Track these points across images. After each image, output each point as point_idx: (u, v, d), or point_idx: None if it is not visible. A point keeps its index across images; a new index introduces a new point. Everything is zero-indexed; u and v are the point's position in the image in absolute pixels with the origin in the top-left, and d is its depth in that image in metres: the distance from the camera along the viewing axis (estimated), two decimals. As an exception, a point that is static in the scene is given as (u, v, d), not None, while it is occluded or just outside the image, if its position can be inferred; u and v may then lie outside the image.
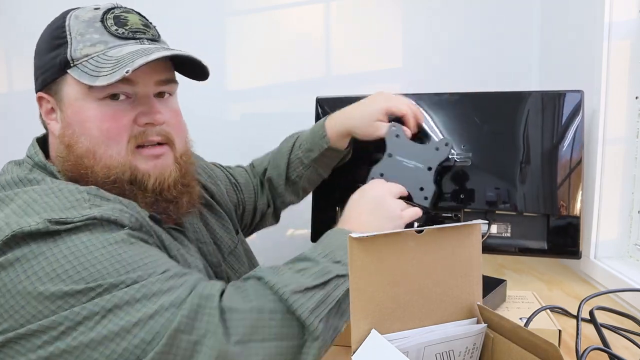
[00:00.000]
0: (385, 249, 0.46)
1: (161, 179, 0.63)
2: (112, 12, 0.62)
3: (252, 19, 1.34)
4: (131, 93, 0.61)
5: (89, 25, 0.60)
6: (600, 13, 0.94)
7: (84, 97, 0.59)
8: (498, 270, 1.04)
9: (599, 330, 0.63)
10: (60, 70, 0.60)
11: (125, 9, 0.64)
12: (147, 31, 0.64)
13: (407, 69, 1.33)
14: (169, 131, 0.64)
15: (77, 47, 0.59)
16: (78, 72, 0.59)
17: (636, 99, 0.94)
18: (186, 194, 0.67)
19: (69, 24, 0.61)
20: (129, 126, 0.61)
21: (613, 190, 0.96)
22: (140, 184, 0.61)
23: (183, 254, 0.63)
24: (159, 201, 0.63)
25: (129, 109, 0.61)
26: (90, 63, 0.58)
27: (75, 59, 0.59)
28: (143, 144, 0.62)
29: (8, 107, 1.34)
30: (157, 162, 0.63)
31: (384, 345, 0.44)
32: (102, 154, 0.60)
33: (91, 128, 0.59)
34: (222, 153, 1.37)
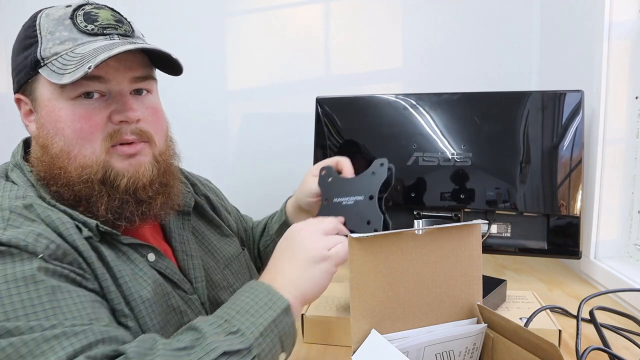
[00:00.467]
0: (385, 249, 0.46)
1: (135, 177, 0.60)
2: (82, 9, 0.60)
3: (252, 19, 1.34)
4: (104, 91, 0.59)
5: (58, 23, 0.59)
6: (600, 13, 0.94)
7: (56, 97, 0.58)
8: (498, 270, 1.04)
9: (599, 330, 0.63)
10: (31, 71, 0.59)
11: (97, 4, 0.62)
12: (119, 26, 0.61)
13: (407, 69, 1.33)
14: (147, 129, 0.62)
15: (46, 45, 0.58)
16: (47, 71, 0.57)
17: (636, 99, 0.94)
18: (162, 194, 0.64)
19: (39, 22, 0.59)
20: (103, 125, 0.59)
21: (613, 190, 0.96)
22: (112, 184, 0.59)
23: (135, 273, 0.60)
24: (129, 203, 0.60)
25: (103, 107, 0.59)
26: (59, 61, 0.57)
27: (45, 57, 0.58)
28: (119, 142, 0.60)
29: (8, 107, 1.34)
30: (132, 160, 0.61)
31: (384, 345, 0.44)
32: (76, 154, 0.58)
33: (64, 128, 0.58)
34: (222, 153, 1.38)
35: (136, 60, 0.61)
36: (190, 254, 0.70)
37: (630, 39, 0.93)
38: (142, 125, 0.62)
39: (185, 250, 0.70)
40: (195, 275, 0.69)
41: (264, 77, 1.35)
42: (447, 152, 0.96)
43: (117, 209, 0.60)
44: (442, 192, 0.96)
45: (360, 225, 0.67)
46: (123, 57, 0.59)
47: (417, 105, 0.99)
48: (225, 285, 0.74)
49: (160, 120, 0.66)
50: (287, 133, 1.34)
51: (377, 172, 0.69)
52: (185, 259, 0.70)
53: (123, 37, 0.61)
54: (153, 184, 0.62)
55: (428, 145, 0.97)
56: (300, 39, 1.33)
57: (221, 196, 0.91)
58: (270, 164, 1.36)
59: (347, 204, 0.69)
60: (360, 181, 0.70)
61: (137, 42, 0.60)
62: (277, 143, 1.35)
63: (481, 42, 1.29)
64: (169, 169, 0.66)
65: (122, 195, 0.60)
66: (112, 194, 0.59)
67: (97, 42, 0.58)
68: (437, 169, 0.96)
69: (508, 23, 1.29)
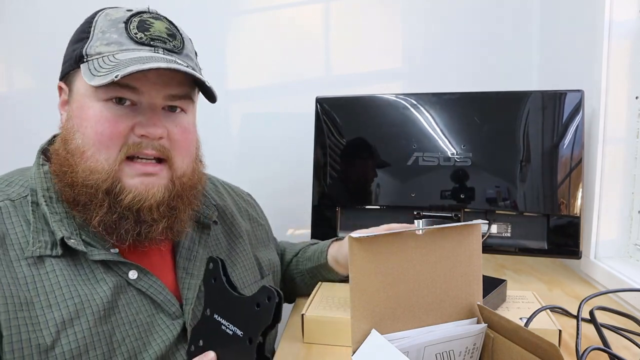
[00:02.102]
0: (385, 249, 0.46)
1: (142, 197, 0.58)
2: (140, 16, 0.59)
3: (252, 19, 1.34)
4: (136, 101, 0.58)
5: (112, 24, 0.59)
6: (600, 13, 0.94)
7: (89, 95, 0.58)
8: (498, 270, 1.04)
9: (599, 330, 0.63)
10: (75, 63, 0.59)
11: (157, 15, 0.62)
12: (169, 41, 0.60)
13: (407, 69, 1.33)
14: (168, 148, 0.60)
15: (94, 43, 0.58)
16: (85, 68, 0.57)
17: (636, 99, 0.94)
18: (167, 218, 0.60)
19: (97, 20, 0.60)
20: (125, 134, 0.57)
21: (613, 190, 0.96)
22: (116, 197, 0.57)
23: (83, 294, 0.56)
24: (127, 220, 0.57)
25: (130, 116, 0.58)
26: (98, 62, 0.57)
27: (89, 54, 0.58)
28: (136, 155, 0.58)
29: (8, 107, 1.34)
30: (145, 179, 0.58)
31: (384, 345, 0.44)
32: (89, 155, 0.57)
33: (87, 127, 0.57)
34: (223, 153, 1.37)
35: (176, 78, 0.60)
36: (191, 272, 0.66)
37: (630, 38, 0.93)
38: (165, 143, 0.59)
39: (186, 268, 0.66)
40: (188, 296, 0.64)
41: (264, 77, 1.35)
42: (447, 152, 0.96)
43: (112, 224, 0.57)
44: (442, 191, 0.96)
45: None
46: (163, 73, 0.57)
47: (417, 105, 0.99)
48: None
49: (188, 141, 0.63)
50: (287, 133, 1.34)
51: (262, 306, 0.51)
52: (183, 277, 0.65)
53: (168, 52, 0.60)
54: (160, 207, 0.59)
55: (428, 145, 0.97)
56: (300, 39, 1.33)
57: (266, 224, 0.88)
58: (270, 164, 1.36)
59: (225, 330, 0.54)
60: (242, 306, 0.53)
61: (177, 62, 0.58)
62: (277, 143, 1.35)
63: (481, 42, 1.29)
64: (184, 194, 0.62)
65: (123, 210, 0.57)
66: (114, 206, 0.57)
67: (140, 51, 0.57)
68: (437, 168, 0.96)
69: (508, 23, 1.29)
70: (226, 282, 0.55)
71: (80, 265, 0.57)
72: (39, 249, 0.55)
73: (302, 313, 0.70)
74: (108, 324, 0.56)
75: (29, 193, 0.59)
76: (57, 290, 0.55)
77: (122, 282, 0.59)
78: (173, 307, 0.62)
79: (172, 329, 0.61)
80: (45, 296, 0.54)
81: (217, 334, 0.54)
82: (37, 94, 1.33)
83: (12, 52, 1.34)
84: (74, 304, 0.55)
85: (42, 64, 1.33)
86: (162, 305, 0.61)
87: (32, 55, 1.33)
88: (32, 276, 0.54)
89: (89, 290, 0.56)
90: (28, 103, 1.34)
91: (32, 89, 1.34)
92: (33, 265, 0.55)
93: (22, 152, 0.76)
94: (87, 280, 0.57)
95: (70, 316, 0.54)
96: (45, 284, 0.54)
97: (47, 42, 1.34)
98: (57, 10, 1.27)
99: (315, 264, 0.83)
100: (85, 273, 0.57)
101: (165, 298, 0.62)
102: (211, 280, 0.56)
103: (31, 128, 1.36)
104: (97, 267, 0.58)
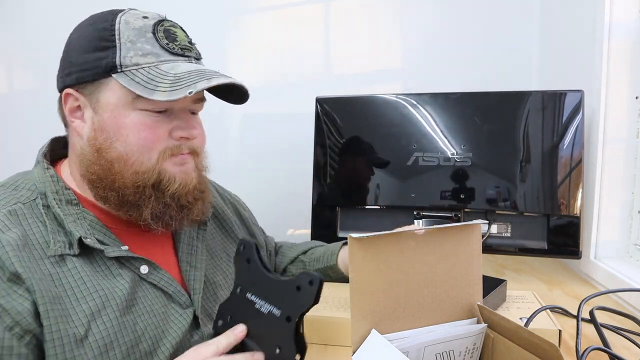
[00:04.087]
0: (385, 249, 0.46)
1: (184, 183, 0.64)
2: (162, 25, 0.63)
3: (252, 19, 1.34)
4: (169, 107, 0.63)
5: (140, 34, 0.61)
6: (600, 13, 0.94)
7: (124, 104, 0.60)
8: (498, 270, 1.04)
9: (599, 330, 0.63)
10: (104, 73, 0.60)
11: (172, 22, 0.66)
12: (192, 49, 0.66)
13: (407, 68, 1.33)
14: (198, 145, 0.67)
15: (127, 54, 0.60)
16: (127, 79, 0.59)
17: (636, 99, 0.94)
18: (200, 200, 0.67)
19: (119, 28, 0.61)
20: (165, 138, 0.62)
21: (613, 190, 0.96)
22: (162, 188, 0.62)
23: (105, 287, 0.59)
24: (171, 207, 0.63)
25: (167, 121, 0.63)
26: (142, 73, 0.59)
27: (124, 65, 0.60)
28: (175, 155, 0.64)
29: (8, 107, 1.35)
30: (182, 168, 0.65)
31: (384, 345, 0.44)
32: (134, 161, 0.61)
33: (128, 135, 0.60)
34: (223, 152, 1.37)
35: None
36: (195, 265, 0.71)
37: (630, 39, 0.93)
38: (196, 142, 0.67)
39: (189, 261, 0.71)
40: (194, 287, 0.69)
41: (264, 77, 1.35)
42: (447, 152, 0.96)
43: (160, 213, 0.63)
44: (442, 191, 0.96)
45: (268, 347, 0.55)
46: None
47: (417, 105, 0.99)
48: None
49: (205, 138, 0.71)
50: (287, 133, 1.34)
51: (303, 289, 0.52)
52: (188, 270, 0.70)
53: (197, 61, 0.66)
54: (195, 190, 0.66)
55: (428, 145, 0.97)
56: (300, 39, 1.33)
57: (251, 216, 0.92)
58: (271, 164, 1.36)
59: (260, 309, 0.55)
60: (281, 287, 0.55)
61: (224, 75, 0.64)
62: (277, 143, 1.35)
63: (481, 42, 1.29)
64: (204, 179, 0.70)
65: (167, 199, 0.63)
66: (160, 197, 0.62)
67: (179, 62, 0.62)
68: (437, 168, 0.96)
69: (508, 23, 1.29)
70: (261, 265, 0.58)
71: (96, 263, 0.60)
72: (60, 248, 0.58)
73: (302, 313, 0.70)
74: (130, 314, 0.60)
75: (37, 196, 0.61)
76: (82, 285, 0.58)
77: (135, 277, 0.63)
78: (183, 297, 0.66)
79: (185, 317, 0.65)
80: (72, 291, 0.57)
81: (248, 311, 0.57)
82: (37, 94, 1.33)
83: (12, 52, 1.34)
84: (99, 296, 0.58)
85: (42, 64, 1.33)
86: (173, 296, 0.65)
87: (32, 55, 1.33)
88: (57, 273, 0.57)
89: (109, 284, 0.60)
90: (28, 103, 1.34)
91: (33, 89, 1.35)
92: (56, 264, 0.57)
93: (23, 152, 0.76)
94: (106, 276, 0.60)
95: (98, 308, 0.57)
96: (70, 280, 0.57)
97: (48, 43, 1.34)
98: (57, 10, 1.27)
99: (324, 265, 0.87)
100: (102, 270, 0.60)
101: (176, 289, 0.66)
102: (244, 262, 0.59)
103: (31, 128, 1.37)
104: (113, 264, 0.61)
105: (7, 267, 0.53)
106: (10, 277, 0.53)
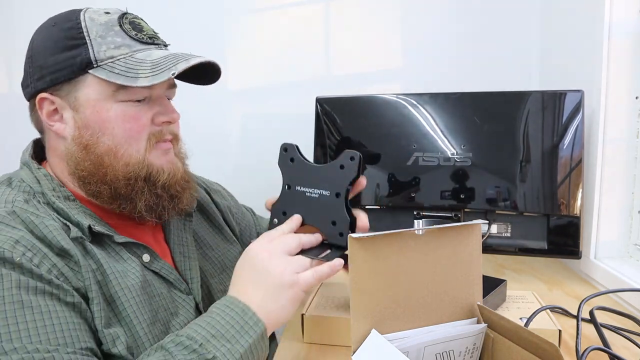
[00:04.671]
0: (385, 249, 0.46)
1: (172, 173, 0.66)
2: (126, 18, 0.64)
3: (252, 19, 1.34)
4: (147, 95, 0.64)
5: (107, 28, 0.61)
6: (600, 13, 0.94)
7: (105, 98, 0.61)
8: (498, 270, 1.04)
9: (599, 330, 0.63)
10: (80, 71, 0.60)
11: (134, 15, 0.66)
12: (158, 37, 0.67)
13: (407, 69, 1.32)
14: (176, 130, 0.69)
15: (99, 48, 0.60)
16: (106, 72, 0.60)
17: (636, 99, 0.94)
18: (187, 189, 0.69)
19: (86, 25, 0.61)
20: (148, 125, 0.64)
21: (613, 190, 0.96)
22: (153, 180, 0.64)
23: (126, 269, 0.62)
24: (163, 198, 0.65)
25: (147, 109, 0.64)
26: (119, 65, 0.60)
27: (99, 60, 0.60)
28: (159, 141, 0.66)
29: (8, 107, 1.34)
30: (167, 157, 0.66)
31: (384, 345, 0.44)
32: (123, 152, 0.62)
33: (114, 128, 0.61)
34: (223, 153, 1.37)
35: None
36: (188, 255, 0.72)
37: (630, 39, 0.93)
38: (174, 127, 0.68)
39: (182, 252, 0.72)
40: (192, 276, 0.71)
41: (264, 77, 1.35)
42: (447, 152, 0.96)
43: (153, 205, 0.65)
44: (442, 192, 0.96)
45: (324, 224, 0.62)
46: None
47: (417, 105, 0.99)
48: (222, 289, 0.75)
49: (179, 122, 0.71)
50: (287, 133, 1.34)
51: (346, 166, 0.61)
52: (182, 260, 0.71)
53: (165, 48, 0.67)
54: (183, 179, 0.68)
55: (428, 145, 0.97)
56: (300, 39, 1.33)
57: (231, 201, 0.92)
58: (271, 164, 1.35)
59: (310, 196, 0.63)
60: (325, 172, 0.62)
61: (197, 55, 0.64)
62: (277, 143, 1.35)
63: (481, 42, 1.29)
64: (186, 168, 0.72)
65: (158, 191, 0.64)
66: (152, 189, 0.64)
67: (152, 50, 0.63)
68: (437, 168, 0.96)
69: (508, 23, 1.29)
70: (304, 159, 0.65)
71: (108, 249, 0.62)
72: (78, 233, 0.59)
73: (302, 313, 0.70)
74: (145, 294, 0.62)
75: (35, 196, 0.61)
76: (101, 267, 0.59)
77: (140, 263, 0.64)
78: (183, 285, 0.68)
79: (189, 302, 0.68)
80: (95, 272, 0.58)
81: (300, 201, 0.64)
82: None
83: (12, 52, 1.34)
84: (115, 278, 0.59)
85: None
86: (175, 283, 0.67)
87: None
88: (83, 256, 0.58)
89: (123, 267, 0.61)
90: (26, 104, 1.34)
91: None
92: (81, 247, 0.58)
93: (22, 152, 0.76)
94: (118, 260, 0.62)
95: (120, 286, 0.59)
96: (91, 262, 0.58)
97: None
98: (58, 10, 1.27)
99: None
100: (114, 254, 0.62)
101: (176, 277, 0.68)
102: (288, 162, 0.67)
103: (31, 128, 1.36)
104: (121, 249, 0.63)
105: (54, 244, 0.55)
106: (60, 252, 0.55)
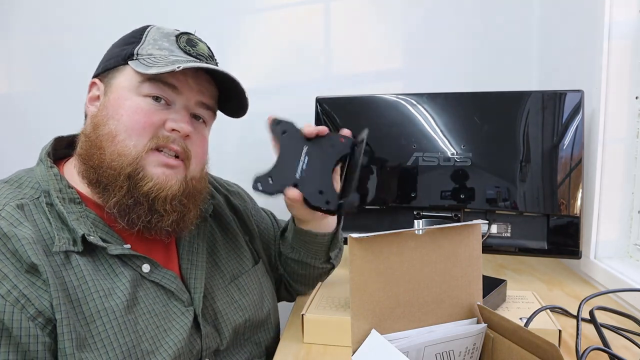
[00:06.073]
0: (385, 249, 0.46)
1: (161, 186, 0.62)
2: (188, 35, 0.69)
3: (252, 19, 1.34)
4: (171, 101, 0.65)
5: (164, 36, 0.67)
6: (600, 13, 0.94)
7: (130, 88, 0.63)
8: (498, 270, 1.04)
9: (599, 330, 0.63)
10: (122, 60, 0.65)
11: (199, 38, 0.70)
12: (211, 60, 0.70)
13: (407, 68, 1.32)
14: (190, 148, 0.65)
15: (146, 46, 0.65)
16: (137, 63, 0.63)
17: (636, 99, 0.94)
18: (177, 212, 0.64)
19: (149, 30, 0.67)
20: (156, 126, 0.63)
21: (613, 190, 0.96)
22: (136, 183, 0.61)
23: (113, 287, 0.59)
24: (141, 206, 0.61)
25: (163, 112, 0.64)
26: (150, 59, 0.64)
27: (139, 54, 0.65)
28: (162, 147, 0.63)
29: (9, 107, 1.34)
30: (166, 170, 0.63)
31: (384, 345, 0.44)
32: (120, 140, 0.61)
33: (123, 115, 0.62)
34: (223, 152, 1.37)
35: (210, 89, 0.69)
36: (195, 262, 0.70)
37: (630, 39, 0.93)
38: (189, 143, 0.65)
39: (190, 259, 0.70)
40: (196, 285, 0.68)
41: (264, 77, 1.35)
42: (447, 152, 0.96)
43: (127, 207, 0.61)
44: (442, 191, 0.96)
45: (312, 192, 0.67)
46: (200, 81, 0.67)
47: (417, 105, 0.99)
48: (228, 300, 0.72)
49: (204, 150, 0.70)
50: (287, 133, 1.34)
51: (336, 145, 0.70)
52: (189, 268, 0.69)
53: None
54: (174, 199, 0.63)
55: (428, 145, 0.97)
56: (300, 39, 1.33)
57: (250, 203, 0.90)
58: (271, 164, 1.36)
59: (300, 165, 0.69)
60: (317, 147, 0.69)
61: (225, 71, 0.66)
62: (277, 143, 1.35)
63: (481, 42, 1.29)
64: (193, 195, 0.67)
65: (139, 196, 0.61)
66: (132, 191, 0.61)
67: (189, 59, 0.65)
68: (437, 168, 0.96)
69: (508, 23, 1.29)
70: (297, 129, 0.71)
71: (99, 261, 0.60)
72: (64, 245, 0.58)
73: (302, 313, 0.70)
74: (131, 314, 0.60)
75: (40, 194, 0.61)
76: (84, 285, 0.57)
77: (137, 276, 0.62)
78: (184, 295, 0.66)
79: (187, 315, 0.65)
80: (74, 290, 0.57)
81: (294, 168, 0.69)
82: (37, 94, 1.33)
83: (13, 52, 1.34)
84: (99, 297, 0.58)
85: (43, 65, 1.33)
86: (175, 293, 0.65)
87: (33, 55, 1.32)
88: (65, 270, 0.57)
89: (110, 284, 0.59)
90: (28, 103, 1.34)
91: (33, 89, 1.34)
92: (61, 261, 0.57)
93: (23, 152, 0.76)
94: (107, 275, 0.60)
95: (97, 309, 0.57)
96: (73, 279, 0.57)
97: (49, 43, 1.34)
98: (58, 10, 1.27)
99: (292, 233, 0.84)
100: (105, 268, 0.60)
101: (178, 286, 0.66)
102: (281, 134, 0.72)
103: (31, 128, 1.37)
104: (115, 262, 0.61)
105: (24, 260, 0.53)
106: (29, 269, 0.54)
